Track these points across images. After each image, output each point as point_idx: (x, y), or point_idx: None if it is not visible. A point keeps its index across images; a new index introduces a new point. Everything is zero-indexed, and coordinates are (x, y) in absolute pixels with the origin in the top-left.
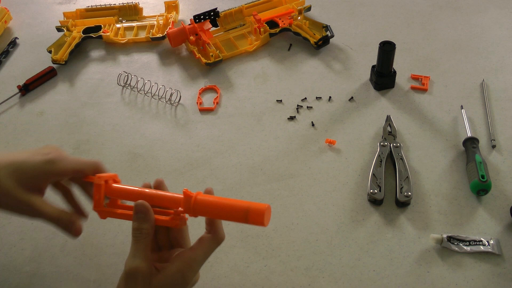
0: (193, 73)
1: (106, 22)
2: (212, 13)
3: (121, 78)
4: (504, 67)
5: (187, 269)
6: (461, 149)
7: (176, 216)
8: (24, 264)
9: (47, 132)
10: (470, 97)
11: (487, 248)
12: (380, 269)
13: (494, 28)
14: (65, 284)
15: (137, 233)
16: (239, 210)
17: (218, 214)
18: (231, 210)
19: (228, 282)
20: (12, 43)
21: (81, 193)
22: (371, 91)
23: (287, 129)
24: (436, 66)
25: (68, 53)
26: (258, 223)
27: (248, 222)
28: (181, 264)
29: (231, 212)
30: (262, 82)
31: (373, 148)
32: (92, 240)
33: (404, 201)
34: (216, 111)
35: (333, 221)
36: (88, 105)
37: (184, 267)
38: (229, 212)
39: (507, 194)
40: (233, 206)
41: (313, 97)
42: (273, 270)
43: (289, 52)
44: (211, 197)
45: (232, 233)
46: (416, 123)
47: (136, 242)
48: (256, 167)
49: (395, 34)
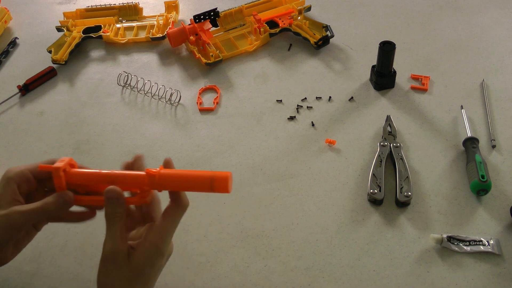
0: (193, 73)
1: (106, 22)
2: (212, 13)
3: (121, 78)
4: (504, 67)
5: (160, 241)
6: (461, 149)
7: (143, 194)
8: (24, 264)
9: (47, 132)
10: (470, 97)
11: (487, 248)
12: (380, 269)
13: (494, 28)
14: (65, 284)
15: (111, 217)
16: (204, 180)
17: (184, 187)
18: (196, 181)
19: (228, 282)
20: (12, 43)
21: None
22: (371, 91)
23: (287, 129)
24: (436, 66)
25: (68, 53)
26: (223, 190)
27: (214, 190)
28: (153, 238)
29: (197, 183)
30: (262, 82)
31: (373, 148)
32: (92, 240)
33: (404, 201)
34: (216, 111)
35: (333, 221)
36: (88, 105)
37: (157, 240)
38: (195, 183)
39: (507, 194)
40: (198, 176)
41: (313, 97)
42: (273, 270)
43: (289, 52)
44: (175, 171)
45: (232, 233)
46: (416, 123)
47: (111, 225)
48: (256, 167)
49: (395, 34)
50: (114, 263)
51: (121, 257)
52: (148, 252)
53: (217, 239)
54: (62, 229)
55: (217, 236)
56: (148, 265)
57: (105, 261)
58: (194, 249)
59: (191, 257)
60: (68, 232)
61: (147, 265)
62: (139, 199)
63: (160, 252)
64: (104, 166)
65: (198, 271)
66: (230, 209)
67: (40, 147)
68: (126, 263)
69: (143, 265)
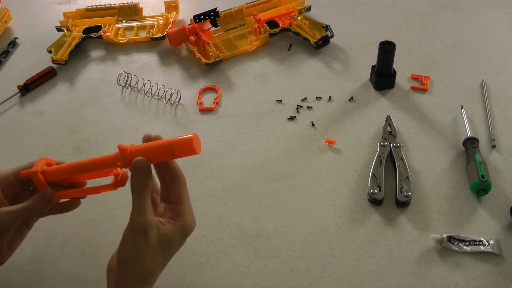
0: (193, 73)
1: (106, 22)
2: (212, 13)
3: (121, 78)
4: (504, 67)
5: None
6: (461, 149)
7: (116, 178)
8: (24, 264)
9: (47, 132)
10: (470, 97)
11: (487, 248)
12: (380, 269)
13: (494, 28)
14: (65, 284)
15: (140, 188)
16: (164, 146)
17: (151, 158)
18: (159, 149)
19: (228, 282)
20: (12, 43)
21: None
22: (371, 91)
23: (287, 129)
24: (436, 66)
25: (68, 53)
26: (189, 152)
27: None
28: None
29: (159, 150)
30: (262, 82)
31: (373, 148)
32: (92, 240)
33: (404, 201)
34: (216, 111)
35: (333, 221)
36: (88, 105)
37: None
38: (157, 151)
39: (507, 194)
40: (160, 144)
41: (313, 97)
42: (273, 270)
43: (289, 52)
44: (144, 144)
45: (232, 233)
46: (416, 123)
47: (140, 198)
48: (256, 167)
49: (395, 34)
50: (145, 235)
51: (152, 230)
52: (180, 229)
53: (217, 239)
54: (62, 229)
55: (217, 236)
56: (176, 242)
57: (134, 232)
58: (194, 249)
59: (191, 257)
60: (68, 232)
61: (175, 242)
62: (115, 184)
63: (189, 230)
64: None
65: (198, 271)
66: (230, 209)
67: (40, 147)
68: (156, 236)
69: (171, 241)
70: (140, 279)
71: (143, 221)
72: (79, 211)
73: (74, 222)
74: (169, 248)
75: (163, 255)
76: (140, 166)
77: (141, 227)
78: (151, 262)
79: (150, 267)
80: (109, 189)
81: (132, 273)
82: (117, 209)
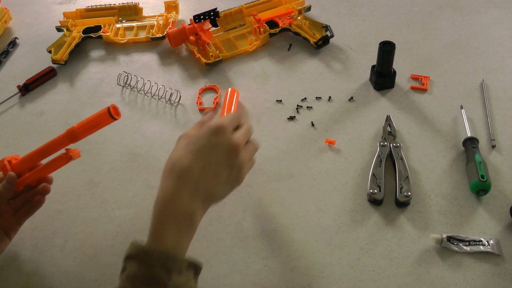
0: (193, 73)
1: (106, 22)
2: (212, 13)
3: (121, 78)
4: (504, 67)
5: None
6: (461, 149)
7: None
8: (24, 264)
9: (47, 132)
10: (470, 97)
11: (487, 248)
12: (380, 269)
13: (494, 28)
14: (65, 284)
15: None
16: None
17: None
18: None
19: (228, 282)
20: (12, 43)
21: None
22: (371, 91)
23: (287, 129)
24: (436, 66)
25: (68, 53)
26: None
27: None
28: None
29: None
30: (262, 82)
31: (373, 148)
32: (92, 240)
33: (404, 201)
34: (216, 111)
35: (333, 221)
36: (88, 105)
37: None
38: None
39: (507, 194)
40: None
41: (313, 97)
42: (273, 270)
43: (289, 52)
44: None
45: (232, 233)
46: (416, 123)
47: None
48: (256, 167)
49: (395, 34)
50: (224, 134)
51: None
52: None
53: (217, 239)
54: (62, 229)
55: (217, 236)
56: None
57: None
58: (194, 249)
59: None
60: (68, 232)
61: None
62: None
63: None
64: (104, 166)
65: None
66: (230, 209)
67: None
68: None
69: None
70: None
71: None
72: (79, 211)
73: (74, 222)
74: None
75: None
76: None
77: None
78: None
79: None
80: (63, 161)
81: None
82: (117, 209)
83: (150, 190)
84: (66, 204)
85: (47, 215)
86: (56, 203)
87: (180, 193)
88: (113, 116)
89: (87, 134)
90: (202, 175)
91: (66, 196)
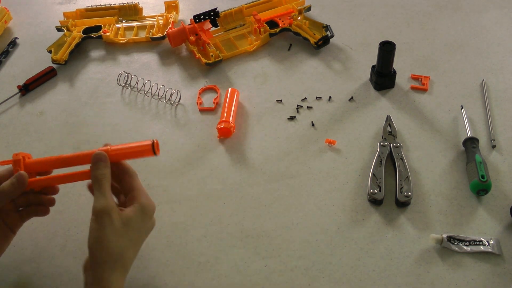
0: (193, 73)
1: (106, 22)
2: (212, 13)
3: (121, 78)
4: (504, 67)
5: (147, 201)
6: (461, 149)
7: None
8: (24, 264)
9: (47, 132)
10: (470, 97)
11: (487, 248)
12: (380, 269)
13: (494, 28)
14: (65, 284)
15: (100, 178)
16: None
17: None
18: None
19: (228, 282)
20: (12, 43)
21: None
22: (371, 91)
23: (287, 129)
24: (436, 66)
25: (68, 53)
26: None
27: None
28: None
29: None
30: (262, 82)
31: (373, 148)
32: None
33: (404, 201)
34: (216, 111)
35: (333, 221)
36: (88, 105)
37: (144, 200)
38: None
39: (507, 194)
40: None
41: (313, 97)
42: (273, 270)
43: (289, 52)
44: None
45: (232, 233)
46: (416, 123)
47: (100, 186)
48: (256, 167)
49: (395, 34)
50: (109, 218)
51: (114, 212)
52: (138, 209)
53: (217, 239)
54: (62, 229)
55: (217, 236)
56: (138, 221)
57: (98, 217)
58: (194, 249)
59: (191, 257)
60: (68, 232)
61: (137, 221)
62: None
63: (147, 208)
64: None
65: (198, 271)
66: (230, 209)
67: (40, 147)
68: (118, 217)
69: (133, 220)
70: (108, 263)
71: (105, 204)
72: (79, 211)
73: (74, 222)
74: (132, 228)
75: (128, 236)
76: (99, 158)
77: (104, 209)
78: (117, 243)
79: (117, 250)
80: (83, 177)
81: (100, 258)
82: None
83: (150, 190)
84: (66, 204)
85: (47, 215)
86: (56, 203)
87: None
88: (155, 152)
89: (120, 159)
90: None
91: (66, 196)
